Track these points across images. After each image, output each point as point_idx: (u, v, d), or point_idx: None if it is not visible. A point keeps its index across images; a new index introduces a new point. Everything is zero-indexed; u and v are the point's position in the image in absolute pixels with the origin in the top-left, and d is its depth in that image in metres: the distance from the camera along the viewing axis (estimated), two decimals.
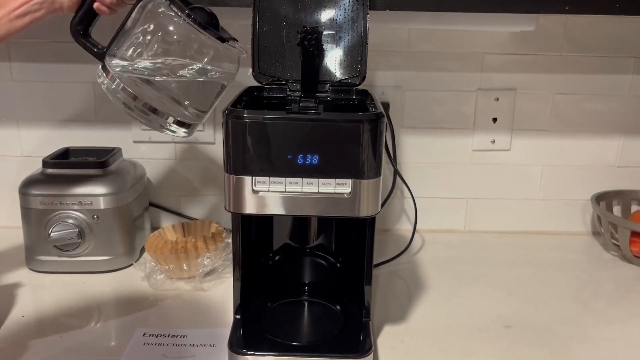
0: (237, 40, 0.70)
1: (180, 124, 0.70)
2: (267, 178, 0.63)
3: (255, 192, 0.64)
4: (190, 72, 0.67)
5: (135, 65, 0.67)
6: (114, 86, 0.68)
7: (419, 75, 1.06)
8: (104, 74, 0.69)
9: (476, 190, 1.13)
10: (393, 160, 1.04)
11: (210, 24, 0.67)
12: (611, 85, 1.07)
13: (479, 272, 0.98)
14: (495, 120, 1.08)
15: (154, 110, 0.68)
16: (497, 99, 1.07)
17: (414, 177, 1.10)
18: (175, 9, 0.66)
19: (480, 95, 1.07)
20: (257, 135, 0.62)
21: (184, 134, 0.71)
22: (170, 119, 0.69)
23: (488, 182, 1.12)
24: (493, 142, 1.10)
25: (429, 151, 1.10)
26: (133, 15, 0.69)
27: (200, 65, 0.67)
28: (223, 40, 0.67)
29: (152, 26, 0.67)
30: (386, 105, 1.06)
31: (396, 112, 1.07)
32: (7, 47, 1.03)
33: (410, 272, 0.97)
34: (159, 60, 0.67)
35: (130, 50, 0.67)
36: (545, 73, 1.07)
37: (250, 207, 0.64)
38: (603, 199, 1.09)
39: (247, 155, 0.63)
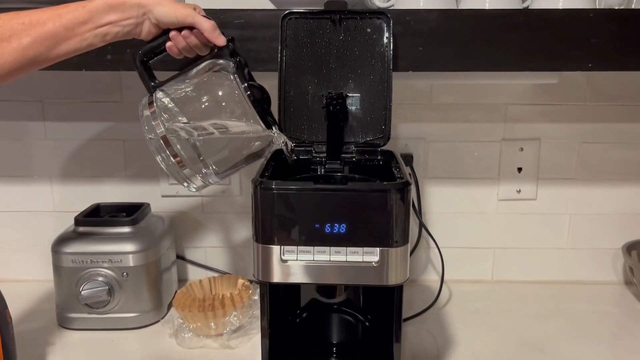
0: (278, 125, 0.73)
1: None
2: (295, 247, 0.64)
3: (283, 261, 0.65)
4: (221, 128, 0.69)
5: (179, 116, 0.68)
6: (151, 123, 0.68)
7: (442, 127, 1.07)
8: (148, 107, 0.70)
9: (503, 240, 1.11)
10: (418, 212, 1.04)
11: (262, 102, 0.70)
12: (637, 133, 1.06)
13: (509, 325, 0.96)
14: (520, 170, 1.08)
15: (177, 160, 0.68)
16: (522, 149, 1.07)
17: (440, 227, 1.09)
18: (237, 80, 0.69)
19: (505, 145, 1.07)
20: (285, 206, 0.63)
21: (192, 189, 0.72)
22: (187, 171, 0.70)
23: (515, 231, 1.11)
24: (519, 191, 1.09)
25: (454, 201, 1.10)
26: (199, 67, 0.71)
27: (234, 127, 0.69)
28: (268, 124, 0.70)
29: (210, 85, 0.70)
30: (409, 157, 1.06)
31: (420, 163, 1.08)
32: (42, 107, 1.07)
33: (438, 326, 0.96)
34: (202, 118, 0.69)
35: (181, 97, 0.69)
36: (569, 123, 1.06)
37: (278, 275, 0.65)
38: (634, 248, 1.07)
39: (276, 224, 0.64)
